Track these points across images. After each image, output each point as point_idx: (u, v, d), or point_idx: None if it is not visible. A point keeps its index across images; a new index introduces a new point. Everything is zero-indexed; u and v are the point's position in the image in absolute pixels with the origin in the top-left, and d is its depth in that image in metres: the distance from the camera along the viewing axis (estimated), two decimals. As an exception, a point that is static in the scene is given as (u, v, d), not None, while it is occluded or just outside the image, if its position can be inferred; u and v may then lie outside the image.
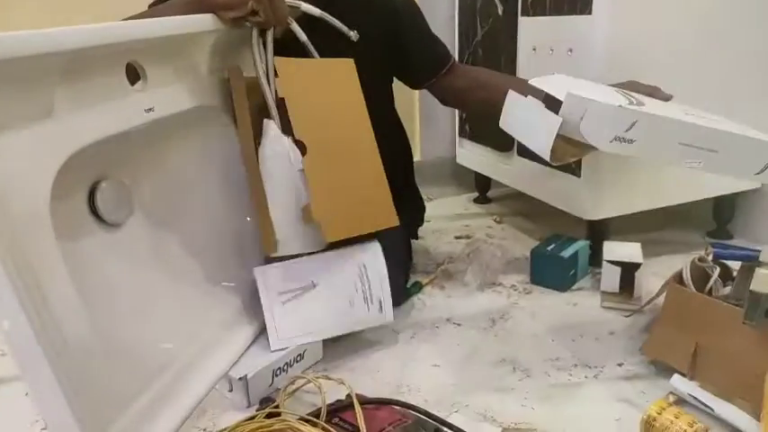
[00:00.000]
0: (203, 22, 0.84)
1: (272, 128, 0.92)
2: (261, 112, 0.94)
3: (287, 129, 0.92)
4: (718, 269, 0.91)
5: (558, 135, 0.79)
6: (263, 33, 0.92)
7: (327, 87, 0.96)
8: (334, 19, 1.03)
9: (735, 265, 0.91)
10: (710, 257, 0.92)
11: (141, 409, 0.70)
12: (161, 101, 0.80)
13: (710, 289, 0.90)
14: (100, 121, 0.70)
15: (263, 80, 0.92)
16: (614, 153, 0.78)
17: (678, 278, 0.89)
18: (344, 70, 0.99)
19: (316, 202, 0.89)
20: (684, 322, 0.85)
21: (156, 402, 0.73)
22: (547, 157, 0.83)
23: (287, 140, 0.92)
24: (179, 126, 0.89)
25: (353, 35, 1.08)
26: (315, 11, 1.00)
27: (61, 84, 0.64)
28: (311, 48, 1.00)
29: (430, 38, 1.20)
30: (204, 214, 1.00)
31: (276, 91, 0.94)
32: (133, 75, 0.78)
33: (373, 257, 0.97)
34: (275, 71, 0.93)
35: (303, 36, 0.99)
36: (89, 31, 0.65)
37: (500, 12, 1.38)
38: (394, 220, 0.96)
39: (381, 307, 0.94)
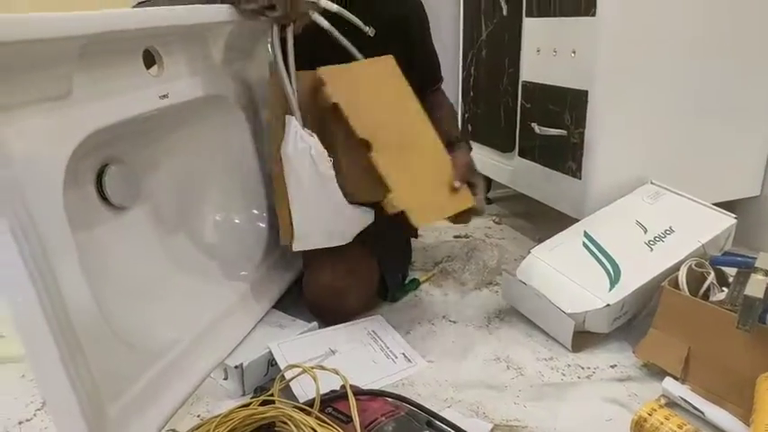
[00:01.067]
0: (221, 12, 0.85)
1: (293, 125, 0.91)
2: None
3: (336, 134, 0.93)
4: (714, 274, 0.91)
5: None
6: (282, 29, 0.91)
7: (376, 86, 0.98)
8: (350, 14, 1.03)
9: (731, 272, 0.92)
10: (708, 263, 0.93)
11: (139, 393, 0.71)
12: (176, 88, 0.81)
13: (705, 294, 0.90)
14: (116, 105, 0.71)
15: (284, 76, 0.91)
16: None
17: (674, 282, 0.90)
18: (387, 67, 1.01)
19: (397, 192, 0.90)
20: (678, 326, 0.86)
21: (154, 386, 0.74)
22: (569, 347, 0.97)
23: (309, 137, 0.92)
24: (191, 114, 0.90)
25: (370, 30, 1.07)
26: (333, 6, 1.00)
27: (80, 67, 0.64)
28: (336, 34, 1.00)
29: (431, 53, 1.21)
30: (211, 203, 1.01)
31: (297, 89, 0.93)
32: (149, 61, 0.78)
33: (379, 325, 1.02)
34: (320, 77, 0.92)
35: (326, 23, 0.98)
36: (109, 16, 0.66)
37: (504, 12, 1.39)
38: (470, 200, 0.98)
39: (407, 357, 0.95)
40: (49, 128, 0.61)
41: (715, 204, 1.10)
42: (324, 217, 0.96)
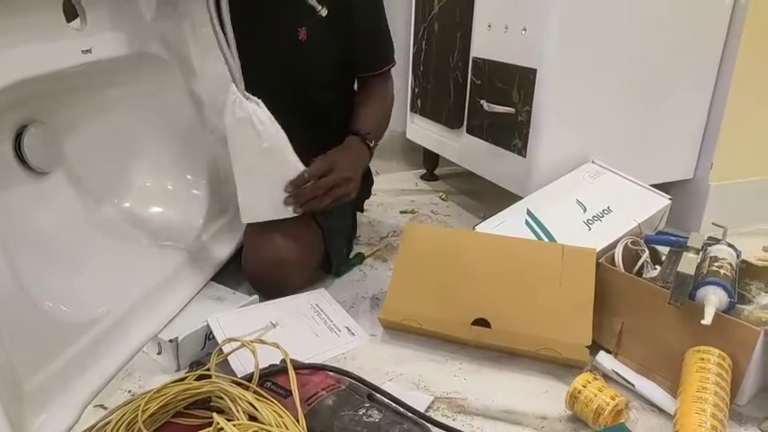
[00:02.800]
0: None
1: (232, 92, 0.87)
2: None
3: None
4: (648, 252, 0.94)
5: None
6: None
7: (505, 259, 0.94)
8: None
9: (664, 250, 0.95)
10: (642, 241, 0.96)
11: (62, 367, 0.67)
12: (100, 43, 0.76)
13: (639, 271, 0.93)
14: (31, 58, 0.65)
15: (223, 44, 0.87)
16: None
17: (610, 259, 0.92)
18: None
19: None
20: (613, 301, 0.89)
21: (80, 361, 0.70)
22: None
23: (249, 105, 0.87)
24: (119, 73, 0.85)
25: (323, 10, 1.04)
26: None
27: None
28: None
29: (381, 31, 1.17)
30: (142, 169, 0.95)
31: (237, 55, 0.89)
32: (70, 15, 0.73)
33: (323, 298, 0.99)
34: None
35: None
36: None
37: (458, -14, 1.37)
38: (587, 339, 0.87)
39: (350, 331, 0.93)
40: None
41: (651, 185, 1.13)
42: (270, 188, 0.93)
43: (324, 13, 1.05)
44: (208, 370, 0.73)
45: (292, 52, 1.07)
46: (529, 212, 1.08)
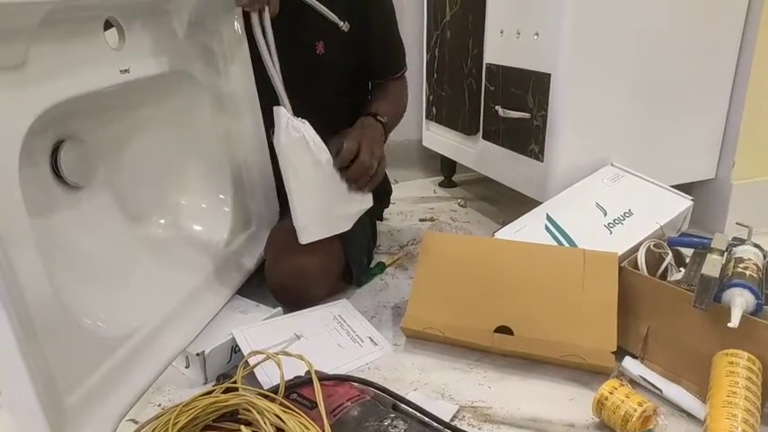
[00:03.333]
0: None
1: (282, 115, 0.89)
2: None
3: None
4: (671, 255, 0.93)
5: None
6: (259, 16, 0.89)
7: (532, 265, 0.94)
8: (322, 7, 1.02)
9: (687, 252, 0.94)
10: (665, 244, 0.95)
11: (98, 382, 0.68)
12: (137, 62, 0.78)
13: (663, 274, 0.93)
14: (75, 78, 0.67)
15: (270, 66, 0.89)
16: None
17: (633, 263, 0.91)
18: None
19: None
20: (637, 305, 0.88)
21: (114, 376, 0.71)
22: None
23: (300, 125, 0.89)
24: (153, 91, 0.87)
25: (344, 26, 1.06)
26: None
27: (37, 36, 0.61)
28: (313, 2, 0.99)
29: (396, 35, 1.20)
30: (174, 184, 0.98)
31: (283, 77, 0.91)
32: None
33: (345, 309, 1.00)
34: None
35: None
36: None
37: (470, -6, 1.38)
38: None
39: (373, 341, 0.94)
40: (3, 102, 0.58)
41: (672, 186, 1.12)
42: (325, 204, 0.95)
43: (346, 28, 1.07)
44: (234, 383, 0.74)
45: (310, 66, 1.09)
46: (548, 217, 1.08)
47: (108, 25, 0.75)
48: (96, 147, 0.83)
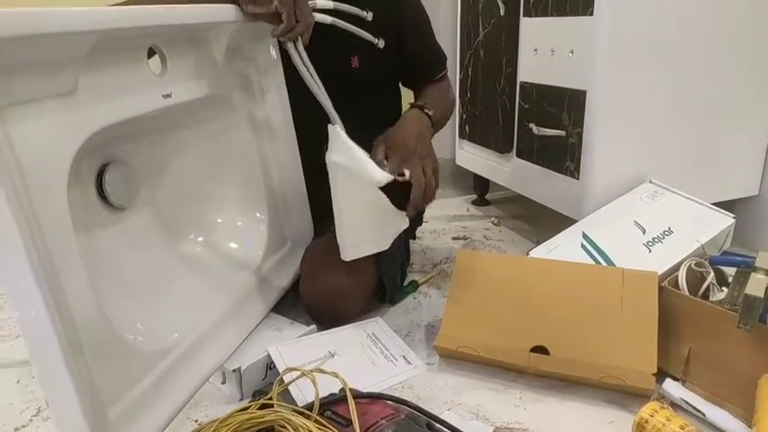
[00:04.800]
0: (226, 12, 0.85)
1: (337, 133, 0.91)
2: None
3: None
4: (713, 274, 0.91)
5: None
6: (294, 44, 0.90)
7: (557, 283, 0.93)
8: (357, 29, 1.04)
9: (730, 271, 0.91)
10: (707, 262, 0.92)
11: (139, 397, 0.70)
12: (179, 87, 0.81)
13: (705, 294, 0.90)
14: (121, 104, 0.70)
15: (316, 90, 0.91)
16: None
17: (674, 282, 0.89)
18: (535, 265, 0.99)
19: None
20: (679, 326, 0.86)
21: (153, 391, 0.73)
22: None
23: (352, 143, 0.91)
24: (192, 114, 0.91)
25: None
26: (329, 4, 1.00)
27: (86, 63, 0.64)
28: (344, 24, 1.01)
29: (432, 42, 1.21)
30: (212, 203, 1.00)
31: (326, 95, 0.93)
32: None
33: (379, 327, 1.00)
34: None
35: (329, 18, 0.98)
36: (119, 13, 0.66)
37: (502, 12, 1.39)
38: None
39: (407, 360, 0.94)
40: (53, 125, 0.60)
41: (713, 204, 1.10)
42: (371, 223, 0.96)
43: (381, 44, 1.09)
44: (270, 399, 0.75)
45: (346, 80, 1.11)
46: (585, 236, 1.07)
47: (151, 53, 0.78)
48: (138, 168, 0.87)
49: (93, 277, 0.64)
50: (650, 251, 1.00)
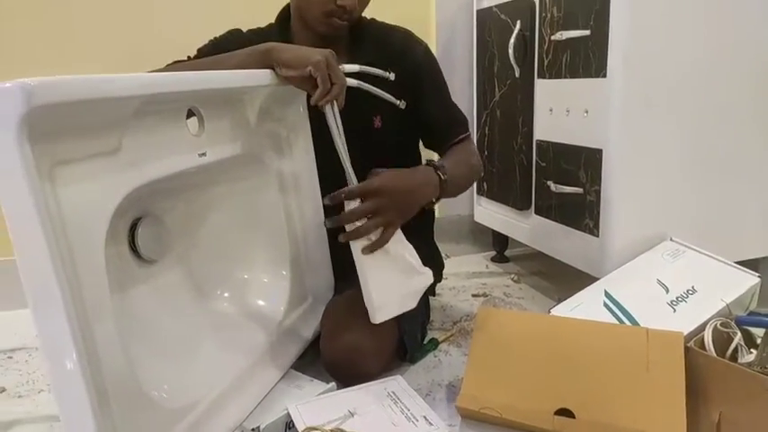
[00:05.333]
0: (262, 76, 0.90)
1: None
2: None
3: None
4: (740, 335, 0.89)
5: None
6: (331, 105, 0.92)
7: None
8: (380, 91, 1.07)
9: (758, 332, 0.90)
10: (733, 323, 0.91)
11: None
12: (214, 146, 0.84)
13: (733, 355, 0.88)
14: (160, 162, 0.73)
15: (344, 157, 0.94)
16: None
17: (699, 343, 0.88)
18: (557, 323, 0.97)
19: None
20: (707, 389, 0.83)
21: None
22: None
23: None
24: (224, 172, 0.94)
25: (401, 104, 1.12)
26: (355, 67, 1.04)
27: (130, 124, 0.67)
28: (370, 87, 1.04)
29: (449, 102, 1.24)
30: (240, 260, 1.02)
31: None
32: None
33: (399, 386, 0.98)
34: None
35: (355, 81, 1.02)
36: (164, 78, 0.70)
37: (517, 74, 1.43)
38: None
39: (428, 420, 0.93)
40: (98, 185, 0.63)
41: (737, 263, 1.08)
42: (397, 282, 0.97)
43: (403, 105, 1.13)
44: (290, 460, 0.74)
45: (369, 139, 1.14)
46: (607, 294, 1.06)
47: (189, 113, 0.82)
48: (170, 224, 0.89)
49: (123, 333, 0.65)
50: (674, 310, 0.99)
